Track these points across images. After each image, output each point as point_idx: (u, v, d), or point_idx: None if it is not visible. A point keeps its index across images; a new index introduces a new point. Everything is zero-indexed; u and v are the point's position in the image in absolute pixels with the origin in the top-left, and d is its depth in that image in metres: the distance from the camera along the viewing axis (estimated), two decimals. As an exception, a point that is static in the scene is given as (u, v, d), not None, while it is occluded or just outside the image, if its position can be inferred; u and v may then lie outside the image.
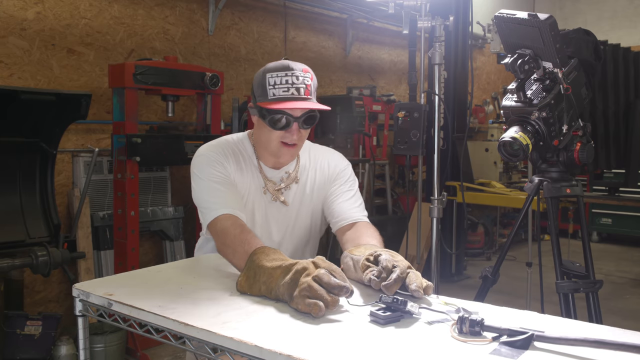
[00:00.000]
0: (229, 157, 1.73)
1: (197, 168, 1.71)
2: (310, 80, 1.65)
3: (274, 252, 1.42)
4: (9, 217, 3.20)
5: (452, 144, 4.93)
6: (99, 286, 1.44)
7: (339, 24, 6.24)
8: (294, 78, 1.62)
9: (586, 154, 2.20)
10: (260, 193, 1.77)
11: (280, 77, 1.62)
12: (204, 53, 4.84)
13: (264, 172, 1.78)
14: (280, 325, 1.17)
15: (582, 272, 2.29)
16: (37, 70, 3.76)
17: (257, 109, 1.68)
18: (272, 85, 1.62)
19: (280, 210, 1.80)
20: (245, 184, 1.75)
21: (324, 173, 1.86)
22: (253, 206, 1.76)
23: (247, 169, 1.76)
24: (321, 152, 1.92)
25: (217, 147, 1.75)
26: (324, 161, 1.88)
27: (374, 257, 1.41)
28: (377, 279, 1.32)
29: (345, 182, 1.86)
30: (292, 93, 1.61)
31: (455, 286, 5.32)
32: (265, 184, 1.77)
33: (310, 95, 1.64)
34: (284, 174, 1.80)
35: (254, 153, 1.79)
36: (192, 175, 1.72)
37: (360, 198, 1.88)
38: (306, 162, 1.85)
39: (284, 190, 1.79)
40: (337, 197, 1.83)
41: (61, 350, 3.25)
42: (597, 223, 7.28)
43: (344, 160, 1.92)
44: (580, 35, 2.26)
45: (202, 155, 1.73)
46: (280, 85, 1.62)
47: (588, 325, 1.25)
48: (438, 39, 3.19)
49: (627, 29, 8.36)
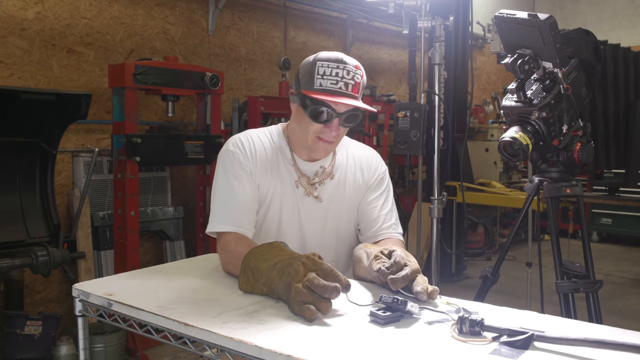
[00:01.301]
0: (253, 153, 1.67)
1: (220, 164, 1.68)
2: (360, 78, 1.58)
3: (269, 249, 1.39)
4: (9, 217, 3.20)
5: (452, 144, 4.93)
6: (99, 286, 1.44)
7: (339, 24, 6.24)
8: (344, 72, 1.55)
9: (586, 154, 2.20)
10: (292, 187, 1.69)
11: (331, 69, 1.54)
12: (204, 53, 4.84)
13: (298, 165, 1.71)
14: (280, 325, 1.17)
15: (582, 272, 2.28)
16: (37, 70, 3.76)
17: (300, 96, 1.60)
18: (320, 75, 1.54)
19: (313, 206, 1.71)
20: (274, 178, 1.68)
21: (364, 174, 1.78)
22: (281, 201, 1.69)
23: (278, 163, 1.69)
24: (361, 150, 1.83)
25: (241, 143, 1.68)
26: (364, 161, 1.80)
27: (388, 251, 1.41)
28: (386, 270, 1.31)
29: (384, 191, 1.79)
30: (340, 87, 1.54)
31: (455, 286, 5.32)
32: (299, 178, 1.70)
33: (357, 94, 1.58)
34: (319, 168, 1.72)
35: (287, 145, 1.72)
36: (216, 169, 1.69)
37: (395, 211, 1.80)
38: (343, 158, 1.77)
39: (317, 185, 1.71)
40: (374, 210, 1.75)
41: (61, 350, 3.25)
42: (597, 223, 7.28)
43: (383, 163, 1.84)
44: (580, 35, 2.25)
45: (227, 152, 1.68)
46: (329, 76, 1.54)
47: (588, 325, 1.25)
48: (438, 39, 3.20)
49: (627, 29, 8.36)
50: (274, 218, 1.70)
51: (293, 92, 1.66)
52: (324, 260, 1.27)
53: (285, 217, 1.70)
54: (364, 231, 1.78)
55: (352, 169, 1.77)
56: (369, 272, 1.43)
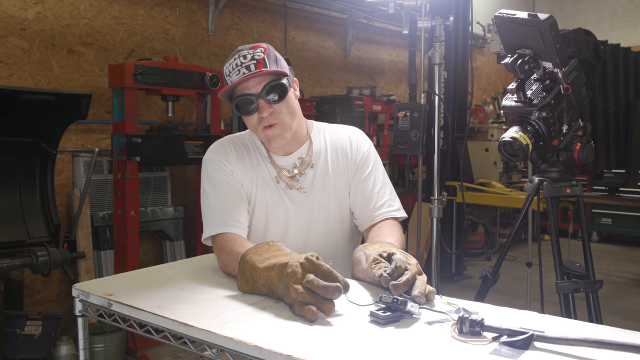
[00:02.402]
0: (230, 155, 1.70)
1: (203, 172, 1.71)
2: (262, 54, 1.57)
3: (266, 249, 1.39)
4: (9, 217, 3.20)
5: (452, 144, 4.93)
6: (99, 286, 1.44)
7: (339, 24, 6.24)
8: (241, 58, 1.57)
9: (586, 154, 2.20)
10: (273, 183, 1.70)
11: (231, 64, 1.58)
12: (204, 53, 4.84)
13: (275, 161, 1.72)
14: (280, 326, 1.17)
15: (582, 272, 2.28)
16: (37, 70, 3.76)
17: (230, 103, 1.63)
18: (228, 74, 1.59)
19: (298, 198, 1.71)
20: (255, 177, 1.70)
21: (347, 156, 1.76)
22: (265, 199, 1.70)
23: (256, 161, 1.72)
24: (339, 131, 1.81)
25: (219, 147, 1.73)
26: (345, 141, 1.77)
27: (387, 254, 1.39)
28: (388, 276, 1.30)
29: (372, 170, 1.76)
30: (244, 73, 1.55)
31: (455, 286, 5.32)
32: (278, 173, 1.71)
33: (266, 68, 1.56)
34: (297, 159, 1.73)
35: (262, 144, 1.75)
36: (201, 179, 1.72)
37: (388, 185, 1.77)
38: (321, 145, 1.76)
39: (298, 177, 1.72)
40: (364, 191, 1.73)
41: (61, 350, 3.25)
42: (597, 223, 7.28)
43: (365, 139, 1.80)
44: (580, 35, 2.25)
45: (206, 159, 1.72)
46: (232, 71, 1.57)
47: (588, 325, 1.25)
48: (438, 39, 3.20)
49: (627, 29, 8.37)
50: (260, 216, 1.71)
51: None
52: (322, 260, 1.27)
53: (271, 212, 1.71)
54: (359, 214, 1.76)
55: (333, 154, 1.76)
56: (367, 275, 1.42)
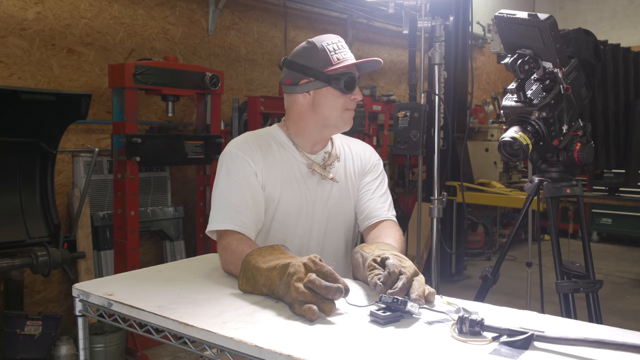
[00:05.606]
0: (255, 153, 1.67)
1: (222, 165, 1.68)
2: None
3: (270, 252, 1.40)
4: (9, 217, 3.20)
5: (452, 144, 4.93)
6: (99, 286, 1.44)
7: (339, 24, 6.24)
8: (342, 43, 1.69)
9: (586, 154, 2.20)
10: (308, 174, 1.72)
11: (335, 44, 1.67)
12: (204, 53, 4.84)
13: (306, 156, 1.75)
14: (280, 325, 1.17)
15: (582, 272, 2.28)
16: (37, 70, 3.76)
17: (324, 78, 1.64)
18: (333, 51, 1.65)
19: (331, 189, 1.76)
20: (284, 171, 1.69)
21: (361, 161, 1.85)
22: (295, 193, 1.70)
23: (285, 156, 1.71)
24: (354, 141, 1.91)
25: (244, 144, 1.69)
26: (360, 150, 1.87)
27: (380, 258, 1.38)
28: (382, 285, 1.29)
29: (378, 176, 1.86)
30: (349, 55, 1.68)
31: (455, 286, 5.32)
32: (311, 165, 1.73)
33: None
34: (324, 154, 1.78)
35: (289, 140, 1.74)
36: (217, 172, 1.69)
37: (389, 196, 1.86)
38: (340, 147, 1.84)
39: (329, 168, 1.76)
40: (368, 192, 1.82)
41: (61, 350, 3.25)
42: (597, 223, 7.28)
43: (377, 154, 1.92)
44: (580, 35, 2.25)
45: (229, 153, 1.68)
46: (339, 49, 1.66)
47: (588, 325, 1.25)
48: (438, 39, 3.19)
49: (627, 29, 8.37)
50: (288, 204, 1.69)
51: (306, 81, 1.67)
52: (324, 262, 1.27)
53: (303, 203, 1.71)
54: (359, 213, 1.82)
55: (349, 157, 1.84)
56: (366, 278, 1.43)
